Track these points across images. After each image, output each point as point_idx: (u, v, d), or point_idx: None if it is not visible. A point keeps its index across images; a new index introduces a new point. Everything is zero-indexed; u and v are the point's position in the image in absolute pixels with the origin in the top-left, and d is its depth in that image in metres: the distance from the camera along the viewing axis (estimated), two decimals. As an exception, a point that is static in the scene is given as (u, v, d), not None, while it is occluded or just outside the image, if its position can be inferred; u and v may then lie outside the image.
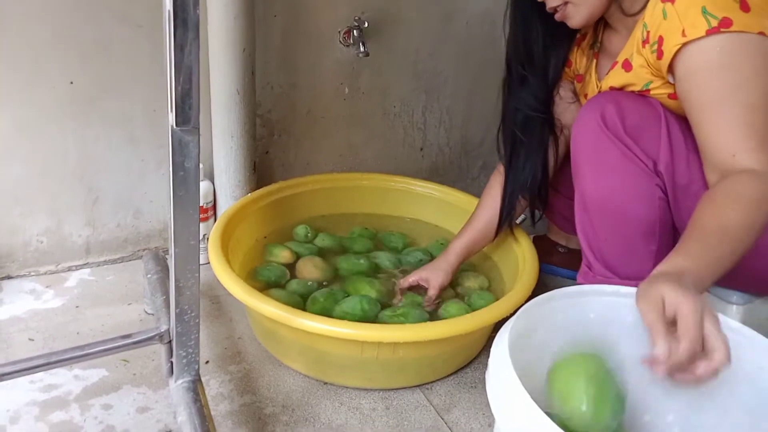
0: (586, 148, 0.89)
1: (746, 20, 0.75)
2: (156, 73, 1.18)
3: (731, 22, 0.75)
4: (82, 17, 1.10)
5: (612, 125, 0.85)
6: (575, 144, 0.91)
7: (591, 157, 0.88)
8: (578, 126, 0.90)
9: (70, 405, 0.90)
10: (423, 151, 1.59)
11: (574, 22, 0.91)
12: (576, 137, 0.90)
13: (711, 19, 0.75)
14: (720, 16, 0.75)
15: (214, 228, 1.10)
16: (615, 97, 0.87)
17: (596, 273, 0.92)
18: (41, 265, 1.22)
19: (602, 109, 0.86)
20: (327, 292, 1.08)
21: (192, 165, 0.65)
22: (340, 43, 1.37)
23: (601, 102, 0.87)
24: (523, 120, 1.05)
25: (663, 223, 0.85)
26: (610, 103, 0.86)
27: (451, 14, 1.48)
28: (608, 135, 0.85)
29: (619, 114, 0.85)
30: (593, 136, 0.87)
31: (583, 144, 0.89)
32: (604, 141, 0.86)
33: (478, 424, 0.92)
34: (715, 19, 0.75)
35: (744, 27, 0.75)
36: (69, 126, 1.15)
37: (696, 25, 0.76)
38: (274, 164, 1.41)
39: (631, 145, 0.85)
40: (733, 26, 0.75)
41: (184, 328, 0.76)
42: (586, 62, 1.03)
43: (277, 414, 0.91)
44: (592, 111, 0.87)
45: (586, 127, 0.88)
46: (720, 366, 0.61)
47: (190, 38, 0.59)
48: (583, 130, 0.89)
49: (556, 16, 0.91)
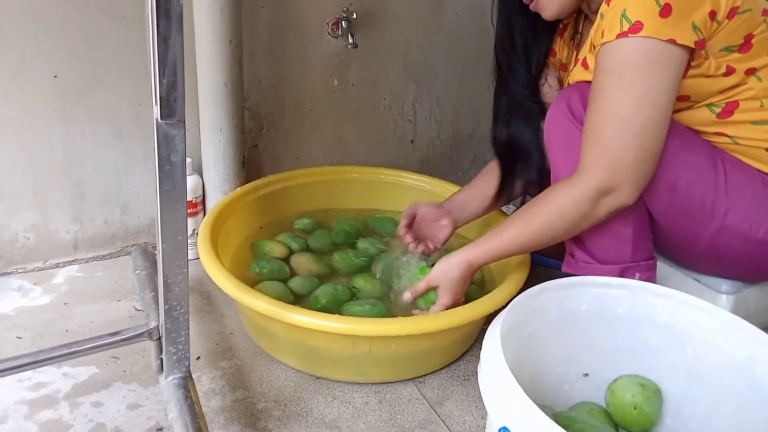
0: (556, 137, 0.91)
1: (659, 27, 0.75)
2: (142, 67, 1.17)
3: (642, 27, 0.75)
4: (66, 9, 1.08)
5: (577, 113, 0.87)
6: (547, 134, 0.93)
7: (561, 144, 0.90)
8: (548, 117, 0.92)
9: (60, 403, 0.89)
10: (414, 143, 1.59)
11: (547, 14, 0.92)
12: (547, 128, 0.93)
13: (625, 23, 0.76)
14: (634, 20, 0.75)
15: (203, 223, 1.09)
16: (580, 87, 0.89)
17: (578, 260, 0.93)
18: (28, 262, 1.20)
19: (568, 100, 0.88)
20: (331, 290, 1.07)
21: (178, 159, 0.64)
22: (328, 34, 1.35)
23: (567, 93, 0.90)
24: (513, 107, 1.07)
25: (636, 206, 0.86)
26: (574, 93, 0.88)
27: (441, 5, 1.47)
28: (573, 122, 0.87)
29: (583, 102, 0.87)
30: (561, 124, 0.89)
31: (554, 133, 0.91)
32: (570, 128, 0.88)
33: (471, 417, 0.92)
34: (629, 23, 0.76)
35: (653, 33, 0.75)
36: (55, 120, 1.13)
37: (612, 27, 0.77)
38: (263, 158, 1.40)
39: None
40: (642, 32, 0.75)
41: (174, 324, 0.75)
42: (567, 53, 1.05)
43: (270, 409, 0.91)
44: (559, 103, 0.90)
45: (554, 117, 0.91)
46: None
47: (174, 30, 0.58)
48: (552, 120, 0.91)
49: (531, 7, 0.93)
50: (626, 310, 0.81)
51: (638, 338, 0.81)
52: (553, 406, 0.81)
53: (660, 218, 0.88)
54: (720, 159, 0.85)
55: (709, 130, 0.87)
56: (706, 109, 0.86)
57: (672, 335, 0.79)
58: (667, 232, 0.90)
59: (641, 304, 0.80)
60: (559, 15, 0.93)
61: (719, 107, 0.85)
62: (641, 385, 0.79)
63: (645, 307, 0.80)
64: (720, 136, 0.87)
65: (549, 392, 0.82)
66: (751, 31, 0.80)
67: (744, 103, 0.84)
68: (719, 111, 0.85)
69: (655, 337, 0.80)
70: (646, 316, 0.80)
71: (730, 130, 0.86)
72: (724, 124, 0.86)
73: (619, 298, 0.81)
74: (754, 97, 0.83)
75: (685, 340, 0.79)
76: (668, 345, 0.80)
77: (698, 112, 0.86)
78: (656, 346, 0.81)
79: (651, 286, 0.80)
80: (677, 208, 0.86)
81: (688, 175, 0.84)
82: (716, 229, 0.85)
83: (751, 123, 0.85)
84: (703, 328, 0.77)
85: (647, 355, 0.81)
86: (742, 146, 0.86)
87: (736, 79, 0.82)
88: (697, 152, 0.85)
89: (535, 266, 1.09)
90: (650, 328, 0.80)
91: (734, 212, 0.83)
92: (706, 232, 0.86)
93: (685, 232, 0.88)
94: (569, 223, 0.84)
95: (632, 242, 0.88)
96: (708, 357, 0.77)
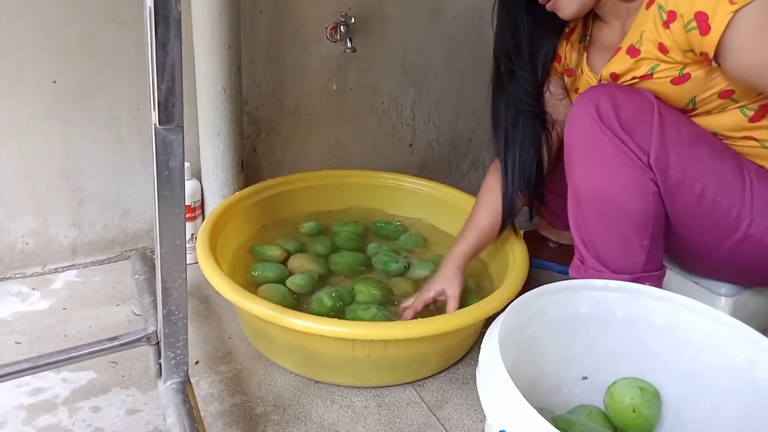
0: (579, 142, 0.88)
1: None
2: (141, 72, 1.17)
3: None
4: (66, 15, 1.08)
5: (606, 119, 0.84)
6: (569, 137, 0.89)
7: (585, 150, 0.87)
8: (572, 119, 0.89)
9: (58, 408, 0.89)
10: (412, 147, 1.59)
11: (565, 13, 0.90)
12: (570, 131, 0.89)
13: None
14: None
15: (202, 227, 1.09)
16: (609, 89, 0.86)
17: (588, 267, 0.91)
18: (27, 267, 1.20)
19: (596, 103, 0.85)
20: (334, 294, 1.07)
21: (177, 164, 0.64)
22: (327, 39, 1.36)
23: (595, 95, 0.86)
24: (514, 116, 1.04)
25: (656, 217, 0.85)
26: (604, 96, 0.85)
27: (439, 9, 1.47)
28: (602, 129, 0.84)
29: (614, 107, 0.84)
30: (587, 129, 0.86)
31: (577, 138, 0.88)
32: (598, 135, 0.85)
33: (470, 420, 0.92)
34: None
35: None
36: (54, 125, 1.13)
37: (710, 4, 0.74)
38: (261, 162, 1.40)
39: (626, 138, 0.84)
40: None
41: (172, 329, 0.75)
42: (576, 56, 1.02)
43: (269, 413, 0.91)
44: (586, 104, 0.86)
45: (580, 120, 0.87)
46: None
47: (172, 35, 0.58)
48: (576, 124, 0.88)
49: (548, 6, 0.90)
50: (625, 313, 0.81)
51: (637, 341, 0.81)
52: (552, 409, 0.81)
53: (680, 226, 0.86)
54: (746, 169, 0.85)
55: (737, 134, 0.86)
56: (739, 111, 0.84)
57: (671, 338, 0.79)
58: (684, 240, 0.88)
59: (640, 307, 0.80)
60: (578, 14, 0.90)
61: (752, 110, 0.84)
62: (640, 388, 0.79)
63: (644, 310, 0.80)
64: (748, 140, 0.86)
65: (548, 395, 0.82)
66: None
67: None
68: (752, 114, 0.84)
69: (654, 340, 0.80)
70: (645, 319, 0.80)
71: (760, 134, 0.85)
72: (753, 128, 0.85)
73: (618, 301, 0.80)
74: None
75: (684, 343, 0.79)
76: (667, 348, 0.80)
77: (731, 115, 0.85)
78: (655, 349, 0.81)
79: (650, 290, 0.80)
80: (702, 218, 0.85)
81: (716, 185, 0.83)
82: (738, 239, 0.84)
83: None
84: (703, 331, 0.77)
85: (646, 358, 0.81)
86: None
87: None
88: (725, 163, 0.84)
89: (533, 269, 1.09)
90: (649, 331, 0.80)
91: (758, 222, 0.83)
92: (727, 242, 0.85)
93: (706, 242, 0.87)
94: None
95: (647, 253, 0.87)
96: (707, 360, 0.77)
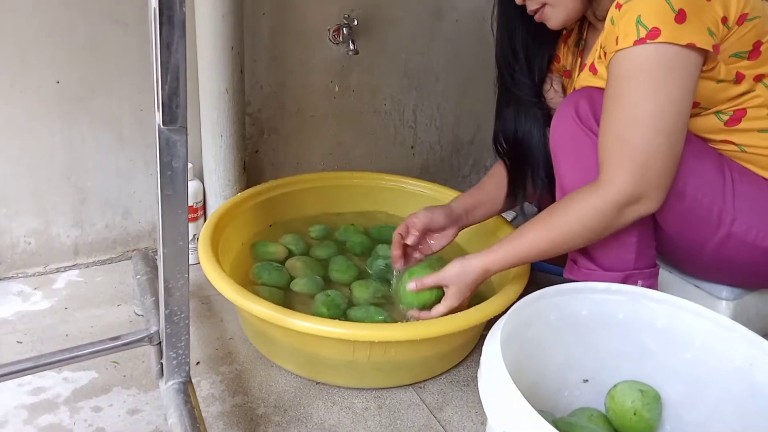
0: (563, 142, 0.90)
1: (677, 32, 0.74)
2: (144, 72, 1.17)
3: (659, 32, 0.74)
4: (70, 15, 1.09)
5: (586, 119, 0.86)
6: (553, 139, 0.92)
7: (568, 150, 0.90)
8: (555, 122, 0.92)
9: (60, 408, 0.89)
10: (414, 149, 1.59)
11: (552, 23, 0.93)
12: (553, 132, 0.92)
13: (642, 29, 0.75)
14: (651, 26, 0.75)
15: (204, 228, 1.09)
16: (588, 92, 0.89)
17: (581, 267, 0.93)
18: (29, 266, 1.20)
19: (576, 105, 0.88)
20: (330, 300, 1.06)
21: (180, 165, 0.64)
22: (329, 41, 1.36)
23: (575, 98, 0.89)
24: (518, 115, 1.06)
25: None
26: (583, 99, 0.88)
27: (441, 12, 1.48)
28: (583, 129, 0.86)
29: (592, 108, 0.86)
30: (568, 130, 0.88)
31: (560, 138, 0.91)
32: (578, 134, 0.87)
33: (470, 422, 0.92)
34: (645, 29, 0.75)
35: (672, 38, 0.74)
36: (56, 125, 1.14)
37: (628, 34, 0.77)
38: (263, 163, 1.40)
39: None
40: (660, 37, 0.74)
41: (174, 329, 0.75)
42: (572, 59, 1.05)
43: (269, 414, 0.91)
44: (567, 107, 0.89)
45: (561, 122, 0.90)
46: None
47: (177, 36, 0.58)
48: (559, 125, 0.91)
49: (536, 17, 0.94)
50: (626, 315, 0.81)
51: (638, 344, 0.81)
52: (553, 411, 0.81)
53: (666, 225, 0.88)
54: (727, 167, 0.85)
55: (716, 137, 0.87)
56: (714, 116, 0.86)
57: (672, 341, 0.79)
58: (672, 240, 0.89)
59: (641, 310, 0.80)
60: (564, 24, 0.93)
61: (727, 115, 0.85)
62: (641, 391, 0.79)
63: (645, 312, 0.80)
64: (727, 143, 0.87)
65: (549, 398, 0.82)
66: (760, 38, 0.80)
67: (751, 110, 0.84)
68: (727, 119, 0.85)
69: (655, 342, 0.80)
70: (645, 321, 0.80)
71: (738, 138, 0.86)
72: (731, 131, 0.86)
73: (619, 303, 0.81)
74: (761, 104, 0.83)
75: (684, 346, 0.79)
76: (668, 351, 0.80)
77: (706, 119, 0.86)
78: (656, 352, 0.81)
79: (651, 292, 0.80)
80: (684, 216, 0.86)
81: (696, 182, 0.84)
82: (722, 237, 0.85)
83: (758, 131, 0.85)
84: (703, 334, 0.77)
85: (647, 361, 0.81)
86: (749, 154, 0.86)
87: (745, 87, 0.82)
88: (705, 160, 0.85)
89: (534, 272, 1.09)
90: (650, 333, 0.80)
91: (740, 221, 0.83)
92: (711, 240, 0.86)
93: (691, 240, 0.88)
94: (591, 232, 0.83)
95: (636, 250, 0.88)
96: (708, 363, 0.77)
